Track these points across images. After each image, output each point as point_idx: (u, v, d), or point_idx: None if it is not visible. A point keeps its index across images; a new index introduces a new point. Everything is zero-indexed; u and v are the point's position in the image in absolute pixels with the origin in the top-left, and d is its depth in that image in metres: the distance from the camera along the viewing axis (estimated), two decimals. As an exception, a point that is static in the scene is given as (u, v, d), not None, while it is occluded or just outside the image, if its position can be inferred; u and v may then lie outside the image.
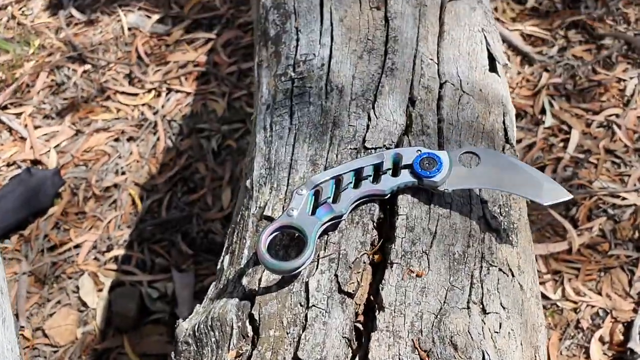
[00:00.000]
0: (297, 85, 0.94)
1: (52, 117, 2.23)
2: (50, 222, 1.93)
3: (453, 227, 0.79)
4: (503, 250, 0.80)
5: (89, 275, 1.80)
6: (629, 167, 1.72)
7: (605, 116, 1.81)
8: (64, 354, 1.67)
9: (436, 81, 0.94)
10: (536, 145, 1.82)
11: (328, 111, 0.90)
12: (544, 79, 1.93)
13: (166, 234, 1.89)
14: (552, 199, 0.78)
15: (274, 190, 0.85)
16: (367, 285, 0.76)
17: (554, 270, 1.64)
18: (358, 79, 0.92)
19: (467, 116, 0.91)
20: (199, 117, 2.17)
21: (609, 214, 1.66)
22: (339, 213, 0.76)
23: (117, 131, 2.16)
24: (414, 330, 0.69)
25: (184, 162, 2.04)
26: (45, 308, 1.76)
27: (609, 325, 1.53)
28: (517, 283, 0.79)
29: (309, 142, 0.87)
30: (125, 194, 1.99)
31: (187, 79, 2.29)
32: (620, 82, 1.88)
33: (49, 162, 2.09)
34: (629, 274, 1.58)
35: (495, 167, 0.80)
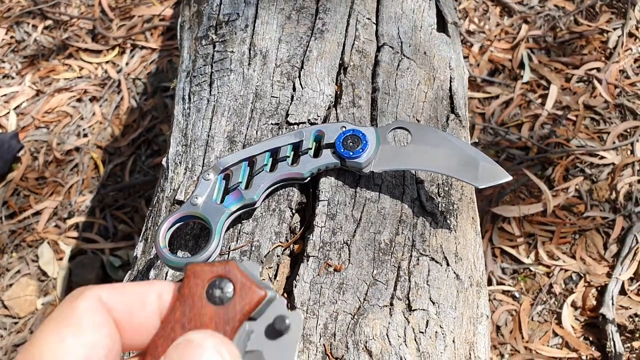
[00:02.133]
0: (218, 49, 0.84)
1: (12, 76, 2.13)
2: (9, 188, 1.86)
3: (381, 213, 0.71)
4: (438, 236, 0.73)
5: (49, 244, 1.74)
6: (608, 124, 1.63)
7: (586, 70, 1.70)
8: (24, 326, 1.63)
9: (373, 44, 0.84)
10: (513, 101, 1.72)
11: (250, 80, 0.80)
12: (523, 31, 1.81)
13: (129, 199, 1.82)
14: (488, 180, 0.69)
15: (188, 171, 0.77)
16: (284, 279, 0.69)
17: (527, 233, 1.57)
18: (285, 42, 0.82)
19: (406, 84, 0.81)
20: (165, 74, 2.07)
21: (586, 173, 1.58)
22: (250, 201, 0.68)
23: (80, 91, 2.06)
24: (327, 333, 0.62)
25: (147, 123, 1.95)
26: (4, 278, 1.70)
27: (582, 289, 1.47)
28: (453, 272, 0.72)
29: (228, 116, 0.78)
30: (87, 158, 1.91)
31: (153, 34, 2.18)
32: (603, 33, 1.76)
33: (9, 124, 2.00)
34: (605, 237, 1.51)
35: (427, 145, 0.71)
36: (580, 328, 1.41)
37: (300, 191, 0.73)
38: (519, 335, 1.43)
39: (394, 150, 0.71)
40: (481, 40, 1.84)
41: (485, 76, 1.77)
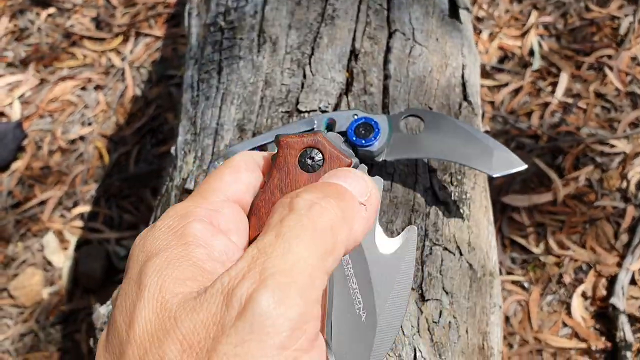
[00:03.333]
0: (226, 36, 0.82)
1: (16, 65, 2.12)
2: (13, 178, 1.85)
3: (393, 202, 0.70)
4: (451, 226, 0.71)
5: (54, 234, 1.74)
6: (619, 112, 1.61)
7: (597, 57, 1.68)
8: (30, 316, 1.63)
9: (384, 30, 0.82)
10: (523, 89, 1.70)
11: (259, 67, 0.79)
12: (533, 18, 1.79)
13: (134, 188, 1.81)
14: (503, 169, 0.68)
15: (197, 160, 0.76)
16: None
17: (537, 222, 1.55)
18: (294, 29, 0.81)
19: (418, 71, 0.80)
20: (169, 62, 2.05)
21: (597, 162, 1.56)
22: (260, 190, 0.67)
23: (84, 79, 2.05)
24: (339, 323, 0.61)
25: (152, 111, 1.94)
26: (10, 268, 1.70)
27: (592, 279, 1.46)
28: (466, 262, 0.71)
29: (237, 104, 0.77)
30: (91, 147, 1.90)
31: (157, 21, 2.16)
32: (614, 20, 1.74)
33: (13, 113, 1.99)
34: (615, 226, 1.50)
35: (440, 133, 0.69)
36: (590, 318, 1.40)
37: (311, 180, 0.71)
38: (528, 326, 1.42)
39: (407, 138, 0.70)
40: (490, 27, 1.82)
41: (494, 64, 1.75)
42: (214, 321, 0.33)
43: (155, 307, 0.35)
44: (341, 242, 0.37)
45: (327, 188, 0.39)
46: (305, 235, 0.36)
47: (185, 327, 0.33)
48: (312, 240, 0.36)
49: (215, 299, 0.34)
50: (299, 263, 0.35)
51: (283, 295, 0.33)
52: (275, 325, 0.33)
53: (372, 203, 0.41)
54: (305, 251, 0.35)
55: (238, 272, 0.34)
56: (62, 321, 1.61)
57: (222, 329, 0.33)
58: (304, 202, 0.37)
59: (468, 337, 0.67)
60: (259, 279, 0.34)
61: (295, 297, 0.34)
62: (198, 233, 0.38)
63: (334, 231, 0.37)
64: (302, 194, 0.38)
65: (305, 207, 0.37)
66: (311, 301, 0.35)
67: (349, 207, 0.39)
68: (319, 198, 0.38)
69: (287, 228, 0.36)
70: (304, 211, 0.37)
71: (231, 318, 0.33)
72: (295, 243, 0.35)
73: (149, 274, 0.36)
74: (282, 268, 0.34)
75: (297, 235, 0.36)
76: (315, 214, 0.37)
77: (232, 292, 0.34)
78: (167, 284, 0.35)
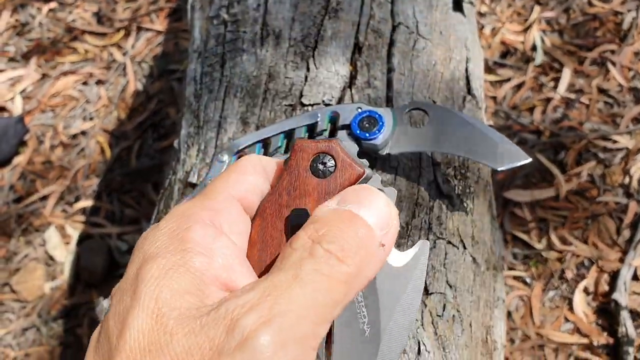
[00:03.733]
0: (229, 29, 0.82)
1: (17, 59, 2.12)
2: (15, 173, 1.85)
3: (397, 196, 0.69)
4: (455, 219, 0.71)
5: (56, 228, 1.74)
6: (622, 107, 1.60)
7: (600, 52, 1.67)
8: (32, 310, 1.63)
9: (388, 23, 0.82)
10: (525, 84, 1.70)
11: (263, 60, 0.79)
12: (535, 13, 1.78)
13: (136, 183, 1.81)
14: (508, 162, 0.67)
15: (201, 153, 0.76)
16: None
17: (539, 218, 1.55)
18: (298, 22, 0.81)
19: (422, 64, 0.79)
20: (171, 57, 2.05)
21: (599, 157, 1.56)
22: (264, 182, 0.67)
23: (85, 74, 2.04)
24: (343, 316, 0.61)
25: (154, 106, 1.94)
26: (12, 263, 1.70)
27: (594, 275, 1.46)
28: (469, 256, 0.71)
29: (240, 97, 0.77)
30: (93, 142, 1.90)
31: (158, 16, 2.16)
32: (617, 15, 1.73)
33: (14, 108, 1.99)
34: (617, 222, 1.50)
35: (444, 127, 0.69)
36: (592, 314, 1.40)
37: (315, 173, 0.71)
38: (530, 321, 1.42)
39: (411, 132, 0.69)
40: (492, 22, 1.82)
41: (496, 59, 1.74)
42: (211, 346, 0.33)
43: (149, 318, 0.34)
44: (353, 291, 0.38)
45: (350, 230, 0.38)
46: (322, 286, 0.36)
47: (181, 347, 0.33)
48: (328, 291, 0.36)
49: (218, 324, 0.34)
50: (309, 310, 0.35)
51: (285, 339, 0.33)
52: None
53: (392, 236, 0.41)
54: (318, 300, 0.35)
55: (247, 301, 0.34)
56: (64, 316, 1.61)
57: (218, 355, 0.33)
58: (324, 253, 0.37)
59: (472, 330, 0.67)
60: (267, 315, 0.34)
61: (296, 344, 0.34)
62: (199, 238, 0.38)
63: (348, 285, 0.37)
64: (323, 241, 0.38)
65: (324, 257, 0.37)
66: (309, 349, 0.35)
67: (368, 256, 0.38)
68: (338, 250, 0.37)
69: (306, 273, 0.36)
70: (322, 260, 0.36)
71: (230, 347, 0.33)
72: (311, 289, 0.35)
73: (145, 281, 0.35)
74: (292, 311, 0.34)
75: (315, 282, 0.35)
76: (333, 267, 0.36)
77: (236, 322, 0.33)
78: (163, 294, 0.35)
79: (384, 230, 0.40)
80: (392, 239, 0.41)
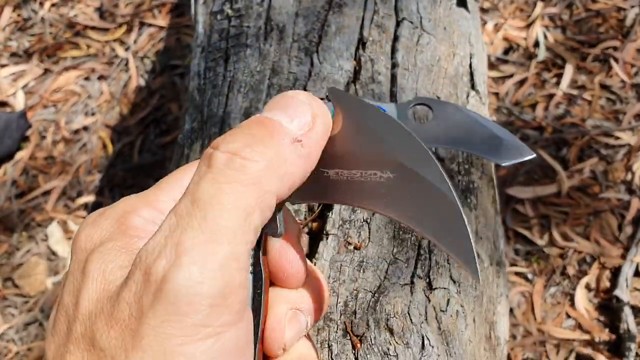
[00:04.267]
0: (233, 24, 0.82)
1: (19, 55, 2.12)
2: (17, 168, 1.85)
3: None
4: (459, 215, 0.71)
5: (59, 223, 1.74)
6: (624, 103, 1.60)
7: (602, 49, 1.67)
8: (34, 305, 1.63)
9: (392, 19, 0.82)
10: (528, 80, 1.69)
11: (266, 55, 0.79)
12: (538, 9, 1.78)
13: (138, 178, 1.81)
14: (512, 158, 0.67)
15: (204, 148, 0.76)
16: (303, 257, 0.68)
17: (541, 214, 1.55)
18: (302, 17, 0.81)
19: (426, 59, 0.79)
20: (173, 52, 2.05)
21: (601, 154, 1.56)
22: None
23: (87, 69, 2.04)
24: (347, 311, 0.61)
25: (156, 101, 1.94)
26: (14, 258, 1.70)
27: (596, 271, 1.46)
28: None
29: (244, 92, 0.77)
30: (95, 137, 1.90)
31: (161, 11, 2.16)
32: (619, 11, 1.73)
33: (17, 103, 1.99)
34: (619, 218, 1.50)
35: (448, 122, 0.69)
36: (593, 310, 1.40)
37: (319, 168, 0.71)
38: (532, 317, 1.42)
39: (415, 127, 0.69)
40: (495, 18, 1.81)
41: (499, 55, 1.74)
42: (135, 299, 0.33)
43: (98, 288, 0.35)
44: (269, 193, 0.35)
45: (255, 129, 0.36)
46: (224, 198, 0.33)
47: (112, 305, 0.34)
48: (232, 201, 0.33)
49: (135, 277, 0.33)
50: (218, 232, 0.33)
51: (199, 273, 0.32)
52: (193, 304, 0.32)
53: (316, 135, 0.37)
54: (224, 217, 0.33)
55: (155, 246, 0.33)
56: (66, 310, 1.62)
57: (141, 310, 0.33)
58: (223, 156, 0.34)
59: (475, 326, 0.67)
60: (175, 255, 0.32)
61: (214, 271, 0.32)
62: (140, 225, 0.38)
63: (259, 185, 0.34)
64: (222, 144, 0.35)
65: (224, 162, 0.34)
66: (233, 271, 0.33)
67: (277, 150, 0.35)
68: (240, 147, 0.34)
69: (203, 192, 0.33)
70: (221, 167, 0.34)
71: (149, 299, 0.32)
72: (211, 209, 0.33)
73: (93, 261, 0.36)
74: (198, 241, 0.32)
75: (214, 198, 0.33)
76: (236, 170, 0.34)
77: (149, 270, 0.33)
78: (109, 268, 0.36)
79: (302, 128, 0.37)
80: (316, 136, 0.37)
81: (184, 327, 0.32)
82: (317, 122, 0.38)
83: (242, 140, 0.35)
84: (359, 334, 0.60)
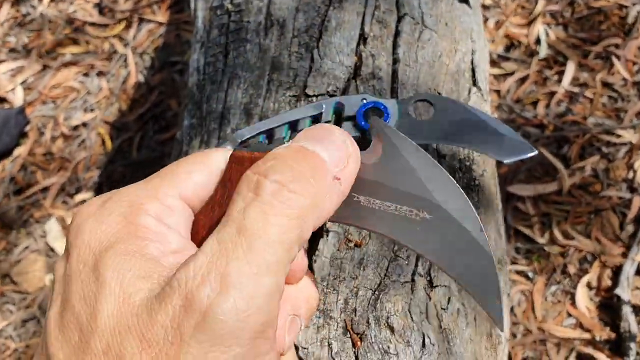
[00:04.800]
0: (233, 19, 0.81)
1: (18, 50, 2.11)
2: (16, 164, 1.85)
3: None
4: (460, 212, 0.70)
5: (57, 220, 1.73)
6: (626, 101, 1.59)
7: (604, 46, 1.66)
8: (32, 301, 1.63)
9: (393, 14, 0.81)
10: (529, 78, 1.69)
11: (266, 50, 0.78)
12: (540, 6, 1.77)
13: (137, 175, 1.80)
14: (514, 155, 0.66)
15: (203, 144, 0.75)
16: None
17: (542, 212, 1.55)
18: (302, 12, 0.80)
19: (427, 55, 0.79)
20: (172, 49, 2.04)
21: (603, 152, 1.55)
22: (268, 173, 0.66)
23: (86, 65, 2.04)
24: (348, 309, 0.61)
25: (155, 98, 1.93)
26: (13, 254, 1.70)
27: (597, 270, 1.45)
28: (475, 249, 0.70)
29: (244, 88, 0.76)
30: (94, 133, 1.89)
31: (160, 7, 2.15)
32: (621, 9, 1.72)
33: (15, 99, 1.98)
34: (621, 217, 1.49)
35: (450, 118, 0.68)
36: (594, 309, 1.40)
37: (319, 165, 0.71)
38: (532, 316, 1.41)
39: (416, 124, 0.68)
40: (497, 15, 1.81)
41: (500, 52, 1.74)
42: (173, 325, 0.32)
43: (117, 302, 0.34)
44: (309, 229, 0.35)
45: (299, 162, 0.36)
46: (270, 230, 0.33)
47: (145, 326, 0.33)
48: (278, 235, 0.33)
49: (173, 301, 0.33)
50: (263, 265, 0.33)
51: (246, 305, 0.32)
52: (238, 337, 0.32)
53: (350, 173, 0.39)
54: (270, 250, 0.33)
55: (197, 271, 0.33)
56: (65, 307, 1.61)
57: (181, 337, 0.32)
58: (272, 186, 0.34)
59: (476, 324, 0.67)
60: (221, 285, 0.32)
61: (260, 304, 0.32)
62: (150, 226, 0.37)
63: (303, 220, 0.34)
64: (270, 173, 0.35)
65: (272, 193, 0.34)
66: (275, 305, 0.34)
67: (322, 187, 0.36)
68: (289, 180, 0.35)
69: (251, 221, 0.33)
70: (269, 197, 0.34)
71: (190, 326, 0.32)
72: (259, 241, 0.33)
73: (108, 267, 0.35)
74: (245, 272, 0.32)
75: (261, 229, 0.33)
76: (283, 202, 0.34)
77: (191, 297, 0.32)
78: (127, 278, 0.35)
79: (339, 165, 0.38)
80: (349, 175, 0.39)
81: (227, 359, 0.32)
82: (351, 162, 0.39)
83: (290, 172, 0.35)
84: (359, 332, 0.59)
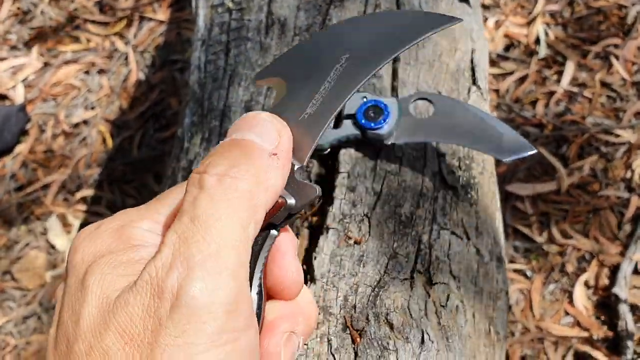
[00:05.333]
0: (234, 17, 0.82)
1: (19, 48, 2.11)
2: (17, 161, 1.85)
3: (401, 186, 0.69)
4: (459, 210, 0.71)
5: (58, 217, 1.74)
6: (625, 101, 1.60)
7: (603, 46, 1.67)
8: (33, 298, 1.63)
9: (394, 13, 0.82)
10: (528, 77, 1.69)
11: (267, 49, 0.78)
12: (539, 6, 1.78)
13: (137, 173, 1.81)
14: (513, 153, 0.67)
15: (204, 142, 0.76)
16: (303, 251, 0.67)
17: (540, 211, 1.55)
18: (303, 11, 0.80)
19: (427, 54, 0.79)
20: (173, 47, 2.04)
21: (601, 151, 1.56)
22: (269, 171, 0.67)
23: (87, 63, 2.04)
24: (347, 306, 0.61)
25: (156, 96, 1.94)
26: (13, 251, 1.70)
27: (595, 269, 1.46)
28: (473, 247, 0.71)
29: (245, 86, 0.76)
30: (95, 131, 1.89)
31: (161, 5, 2.15)
32: (621, 9, 1.73)
33: (16, 96, 1.99)
34: (619, 216, 1.50)
35: (450, 117, 0.69)
36: (592, 307, 1.40)
37: (320, 163, 0.71)
38: (530, 314, 1.42)
39: (416, 122, 0.69)
40: (496, 15, 1.81)
41: (500, 51, 1.74)
42: (149, 313, 0.34)
43: (97, 303, 0.36)
44: (260, 205, 0.38)
45: (234, 151, 0.39)
46: (222, 213, 0.36)
47: (122, 320, 0.34)
48: (230, 216, 0.36)
49: (145, 291, 0.34)
50: (223, 243, 0.35)
51: (214, 281, 0.34)
52: (211, 312, 0.34)
53: (284, 147, 0.41)
54: (226, 229, 0.35)
55: (164, 261, 0.35)
56: (65, 304, 1.62)
57: (159, 321, 0.34)
58: (213, 179, 0.37)
59: (475, 321, 0.67)
60: (187, 268, 0.34)
61: (227, 280, 0.34)
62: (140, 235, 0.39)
63: (251, 198, 0.37)
64: (210, 169, 0.37)
65: (215, 184, 0.37)
66: (242, 280, 0.35)
67: (261, 166, 0.38)
68: (227, 169, 0.37)
69: (201, 210, 0.36)
70: (214, 188, 0.36)
71: (166, 310, 0.34)
72: (213, 224, 0.35)
73: (93, 273, 0.37)
74: (207, 253, 0.34)
75: (213, 214, 0.35)
76: (228, 188, 0.37)
77: (162, 284, 0.34)
78: (108, 280, 0.36)
79: (272, 143, 0.40)
80: (285, 148, 0.41)
81: (204, 334, 0.34)
82: (283, 136, 0.41)
83: (226, 162, 0.38)
84: (358, 329, 0.60)
